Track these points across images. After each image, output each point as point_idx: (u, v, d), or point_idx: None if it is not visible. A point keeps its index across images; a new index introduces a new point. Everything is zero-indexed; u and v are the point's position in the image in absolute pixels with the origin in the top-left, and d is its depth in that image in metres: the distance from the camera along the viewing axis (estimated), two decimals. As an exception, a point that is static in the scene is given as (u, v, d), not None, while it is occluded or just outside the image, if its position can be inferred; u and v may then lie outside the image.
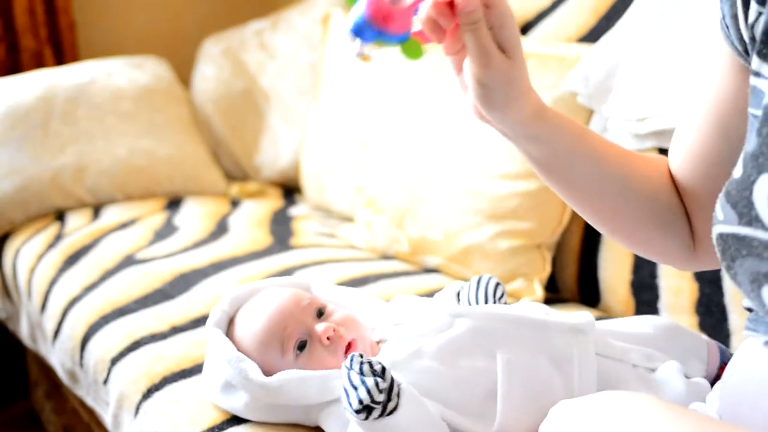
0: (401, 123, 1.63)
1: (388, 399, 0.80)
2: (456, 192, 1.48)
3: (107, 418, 1.22)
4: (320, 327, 0.93)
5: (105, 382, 1.23)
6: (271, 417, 0.95)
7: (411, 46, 0.72)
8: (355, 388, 0.80)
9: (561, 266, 1.47)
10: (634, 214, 0.83)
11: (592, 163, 0.81)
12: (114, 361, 1.22)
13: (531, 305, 1.00)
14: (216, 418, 0.99)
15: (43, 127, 1.94)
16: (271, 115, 2.17)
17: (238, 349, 0.95)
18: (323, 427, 0.91)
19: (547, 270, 1.42)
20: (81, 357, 1.32)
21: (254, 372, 0.92)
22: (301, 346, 0.93)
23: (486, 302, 1.02)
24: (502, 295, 1.03)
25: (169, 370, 1.14)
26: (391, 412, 0.81)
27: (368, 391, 0.79)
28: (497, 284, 1.04)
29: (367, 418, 0.80)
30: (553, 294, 1.47)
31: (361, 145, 1.76)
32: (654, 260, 0.92)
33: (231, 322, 1.00)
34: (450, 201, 1.48)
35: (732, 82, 0.75)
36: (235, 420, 0.97)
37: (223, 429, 0.97)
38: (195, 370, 1.12)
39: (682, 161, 0.83)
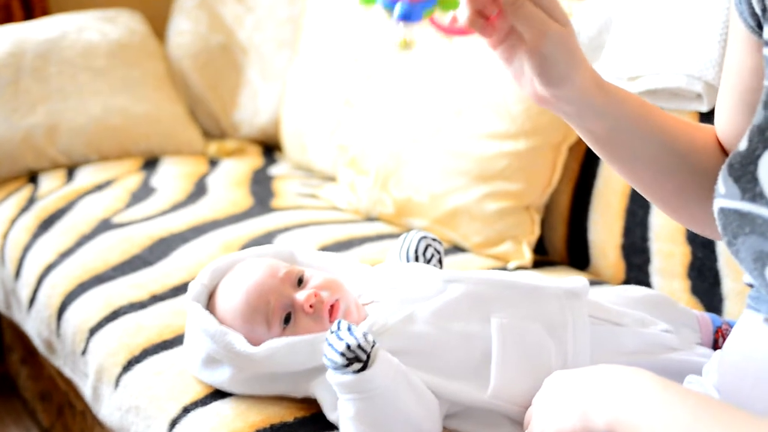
0: (386, 80, 1.61)
1: (368, 357, 0.81)
2: (442, 152, 1.47)
3: (86, 391, 1.20)
4: (301, 295, 0.92)
5: (83, 353, 1.21)
6: (256, 389, 0.94)
7: None
8: (342, 339, 0.81)
9: (550, 228, 1.46)
10: (703, 192, 0.81)
11: (656, 137, 0.79)
12: (92, 331, 1.21)
13: (524, 273, 1.00)
14: (199, 392, 0.98)
15: (12, 84, 1.90)
16: (250, 69, 2.15)
17: (221, 323, 0.94)
18: (315, 395, 0.91)
19: (536, 232, 1.42)
20: (58, 326, 1.30)
21: (241, 343, 0.91)
22: (287, 318, 0.93)
23: (408, 262, 1.03)
24: (432, 256, 1.04)
25: (150, 341, 1.12)
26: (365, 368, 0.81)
27: (356, 338, 0.80)
28: (426, 243, 1.04)
29: (348, 365, 0.80)
30: (542, 257, 1.47)
31: (344, 102, 1.74)
32: (714, 238, 0.90)
33: (211, 296, 0.99)
34: (436, 161, 1.47)
35: (749, 58, 0.74)
36: (219, 394, 0.96)
37: (207, 403, 0.96)
38: (176, 341, 1.10)
39: (720, 133, 0.82)
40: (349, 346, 0.80)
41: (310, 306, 0.92)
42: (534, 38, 0.70)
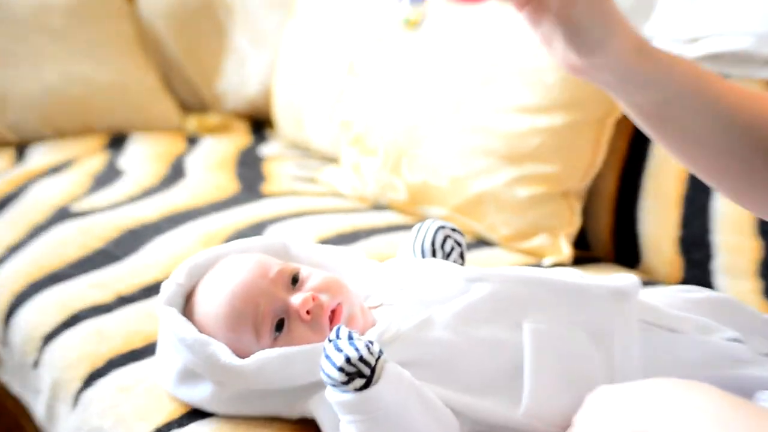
0: (397, 43, 1.61)
1: (373, 371, 0.81)
2: (464, 128, 1.47)
3: (39, 410, 1.20)
4: (297, 299, 0.92)
5: (35, 365, 1.22)
6: (243, 408, 0.94)
7: None
8: (341, 350, 0.80)
9: (592, 218, 1.47)
10: None
11: (714, 110, 0.79)
12: (47, 339, 1.21)
13: (562, 270, 1.00)
14: (173, 411, 0.98)
15: (-47, 49, 1.92)
16: (236, 32, 2.15)
17: (201, 331, 0.93)
18: (314, 415, 0.91)
19: (576, 223, 1.42)
20: (5, 333, 1.31)
21: (226, 355, 0.91)
22: (279, 326, 0.92)
23: (423, 256, 1.03)
24: (452, 250, 1.04)
25: (116, 351, 1.12)
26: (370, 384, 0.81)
27: (357, 350, 0.80)
28: (445, 234, 1.04)
29: (349, 381, 0.80)
30: (583, 252, 1.47)
31: (347, 69, 1.74)
32: None
33: (189, 298, 0.98)
34: (457, 139, 1.48)
35: None
36: (198, 413, 0.96)
37: (183, 424, 0.96)
38: (147, 351, 1.10)
39: None
40: (348, 359, 0.79)
41: (307, 312, 0.91)
42: (563, 3, 0.70)
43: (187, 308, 0.98)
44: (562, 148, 1.40)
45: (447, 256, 1.05)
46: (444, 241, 1.05)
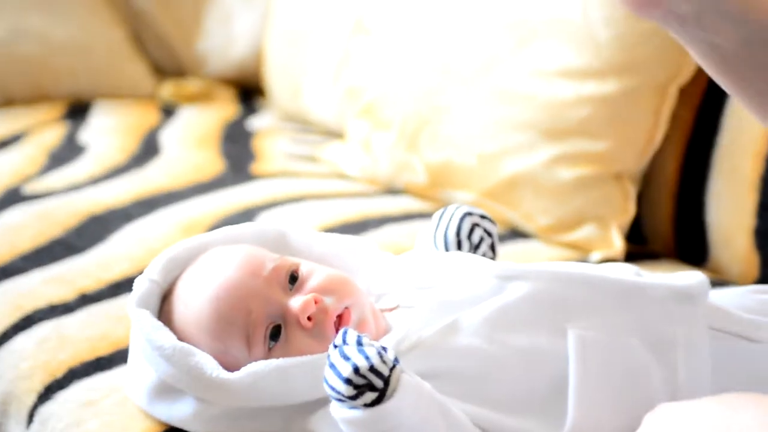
0: (415, -7, 1.61)
1: (386, 383, 0.81)
2: (495, 96, 1.47)
3: (-14, 429, 1.21)
4: (296, 302, 0.93)
5: (-19, 375, 1.22)
6: (231, 428, 0.94)
7: None
8: (348, 359, 0.80)
9: (650, 205, 1.47)
10: None
11: None
12: (-5, 344, 1.22)
13: (614, 266, 1.01)
14: (148, 430, 0.98)
15: None
16: (220, -20, 2.15)
17: (181, 339, 0.94)
18: None
19: (630, 211, 1.42)
20: (-54, 338, 1.31)
21: (212, 368, 0.91)
22: (275, 334, 0.93)
23: (447, 248, 1.04)
24: (481, 241, 1.05)
25: (78, 358, 1.13)
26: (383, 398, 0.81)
27: (367, 357, 0.80)
28: (473, 222, 1.05)
29: (357, 396, 0.80)
30: (639, 246, 1.47)
31: (355, 26, 1.74)
32: None
33: (166, 299, 0.99)
34: (486, 110, 1.48)
35: None
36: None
37: (160, 446, 0.97)
38: (116, 358, 1.11)
39: None
40: (357, 369, 0.79)
41: (309, 318, 0.92)
42: None
43: (163, 311, 0.98)
44: (615, 120, 1.40)
45: (475, 248, 1.05)
46: (471, 230, 1.05)
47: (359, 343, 0.81)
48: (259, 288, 0.93)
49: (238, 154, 1.74)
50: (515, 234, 1.46)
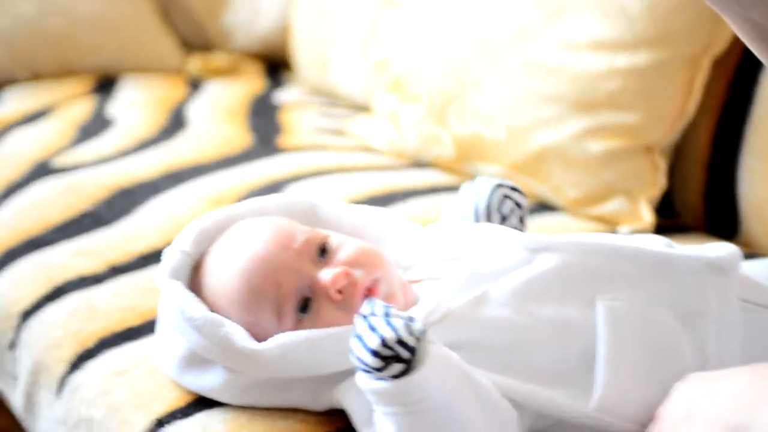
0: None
1: (414, 354, 0.80)
2: (525, 69, 1.47)
3: (16, 399, 1.22)
4: (326, 275, 0.93)
5: (11, 346, 1.23)
6: (260, 399, 0.95)
7: None
8: (375, 329, 0.80)
9: (681, 178, 1.46)
10: None
11: None
12: (25, 315, 1.22)
13: (645, 237, 1.01)
14: (178, 399, 0.99)
15: None
16: (247, -47, 2.15)
17: (212, 310, 0.94)
18: (342, 404, 0.92)
19: (661, 184, 1.42)
20: (-24, 309, 1.33)
21: (242, 338, 0.92)
22: (304, 306, 0.93)
23: (477, 220, 1.04)
24: (511, 212, 1.05)
25: (108, 329, 1.14)
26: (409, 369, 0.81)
27: (394, 329, 0.79)
28: (503, 194, 1.05)
29: (384, 368, 0.80)
30: (669, 219, 1.47)
31: (383, -2, 1.74)
32: None
33: (197, 270, 0.99)
34: (516, 82, 1.48)
35: None
36: (206, 402, 0.97)
37: (189, 414, 0.97)
38: (146, 328, 1.11)
39: None
40: (384, 341, 0.79)
41: (339, 291, 0.92)
42: None
43: (194, 282, 0.98)
44: (646, 92, 1.39)
45: (504, 220, 1.06)
46: (502, 201, 1.06)
47: (386, 314, 0.81)
48: (290, 261, 0.94)
49: (265, 127, 1.74)
50: (543, 207, 1.46)
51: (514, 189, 1.06)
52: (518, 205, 1.06)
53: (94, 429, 1.05)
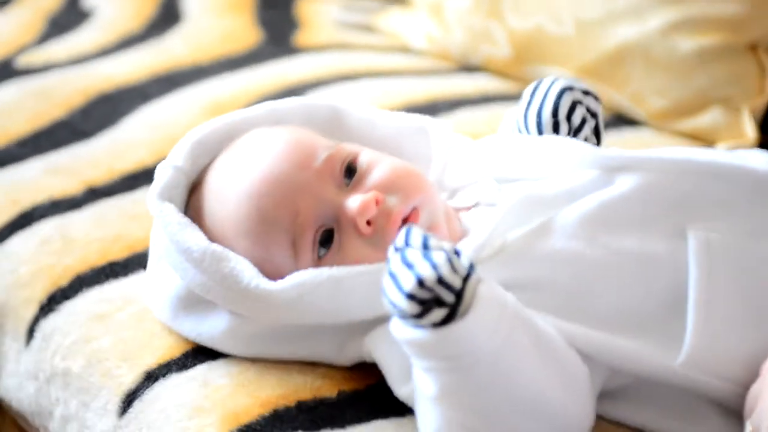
0: None
1: (459, 297, 0.79)
2: (600, -53, 1.46)
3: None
4: (353, 202, 0.93)
5: (-28, 284, 1.24)
6: (272, 350, 0.96)
7: None
8: (411, 266, 0.78)
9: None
10: None
11: None
12: (-12, 247, 1.23)
13: (747, 153, 1.00)
14: (171, 348, 1.00)
15: None
16: None
17: (213, 240, 0.94)
18: (373, 356, 0.92)
19: (767, 91, 1.41)
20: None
21: (251, 276, 0.92)
22: (326, 239, 0.93)
23: (540, 132, 1.04)
24: (583, 122, 1.05)
25: (87, 263, 1.14)
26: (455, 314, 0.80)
27: (434, 266, 0.78)
28: (573, 99, 1.05)
29: (423, 314, 0.78)
30: (775, 135, 1.46)
31: None
32: None
33: (194, 191, 1.00)
34: (587, -36, 1.47)
35: None
36: (206, 352, 0.98)
37: (186, 366, 0.98)
38: (133, 263, 1.12)
39: None
40: (422, 281, 0.77)
41: (368, 222, 0.92)
42: None
43: (192, 206, 0.99)
44: (748, -22, 1.39)
45: (575, 132, 1.05)
46: (572, 108, 1.04)
47: (425, 246, 0.80)
48: (309, 183, 0.94)
49: (277, 21, 1.74)
50: (621, 120, 1.46)
51: (586, 93, 1.05)
52: (592, 113, 1.05)
53: (71, 384, 1.05)
